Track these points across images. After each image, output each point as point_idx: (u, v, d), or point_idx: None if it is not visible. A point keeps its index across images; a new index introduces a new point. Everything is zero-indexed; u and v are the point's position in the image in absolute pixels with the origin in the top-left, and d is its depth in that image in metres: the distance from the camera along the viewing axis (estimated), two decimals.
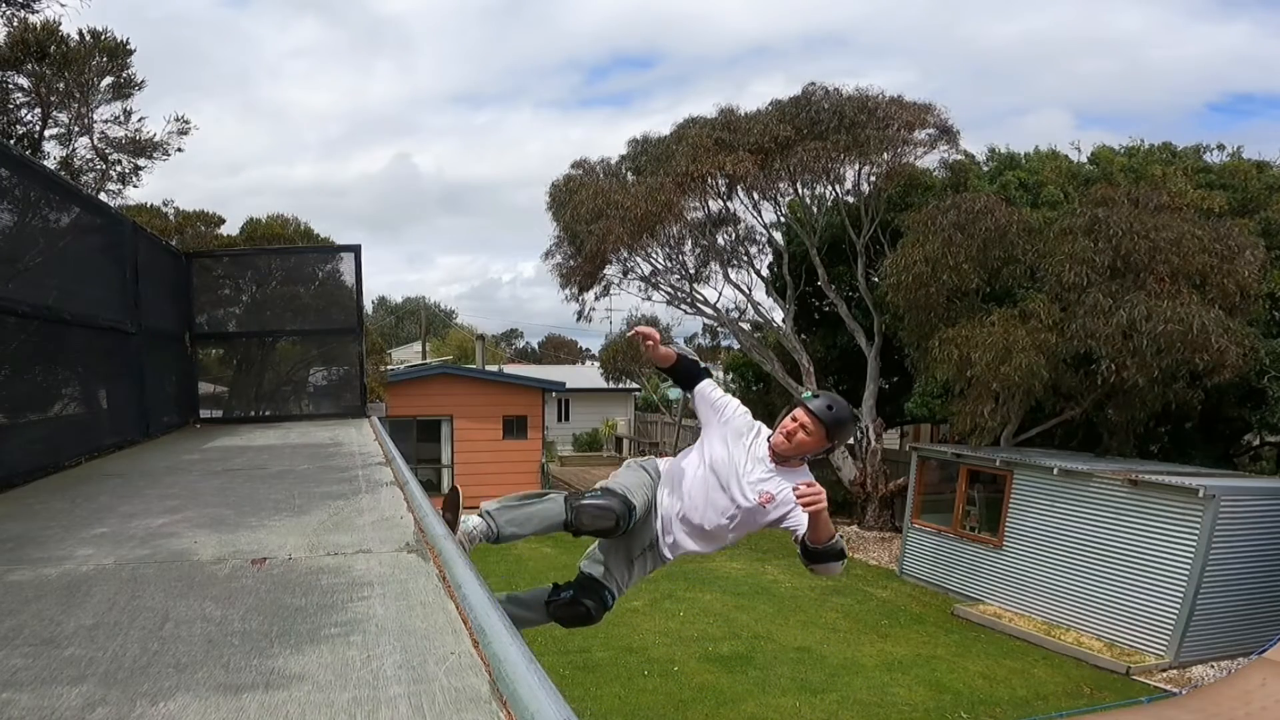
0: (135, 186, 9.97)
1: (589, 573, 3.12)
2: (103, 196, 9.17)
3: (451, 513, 2.90)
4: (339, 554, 2.14)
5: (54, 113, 8.78)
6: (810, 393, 3.06)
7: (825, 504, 2.56)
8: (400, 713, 1.18)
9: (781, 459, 2.95)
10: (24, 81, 8.52)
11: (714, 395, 3.16)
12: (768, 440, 2.99)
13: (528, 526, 2.96)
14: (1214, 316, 11.80)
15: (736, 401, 3.16)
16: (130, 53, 9.00)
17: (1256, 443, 16.97)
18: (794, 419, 2.94)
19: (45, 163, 8.43)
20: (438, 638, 1.48)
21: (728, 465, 2.97)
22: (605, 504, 2.85)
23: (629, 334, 3.35)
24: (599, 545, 3.14)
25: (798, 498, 2.58)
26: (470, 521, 2.93)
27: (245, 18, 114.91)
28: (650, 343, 3.11)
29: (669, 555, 3.13)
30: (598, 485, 3.03)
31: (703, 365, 3.38)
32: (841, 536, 2.75)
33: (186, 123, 9.94)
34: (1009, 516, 12.44)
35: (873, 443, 16.94)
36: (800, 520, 2.74)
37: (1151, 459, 14.39)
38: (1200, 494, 10.02)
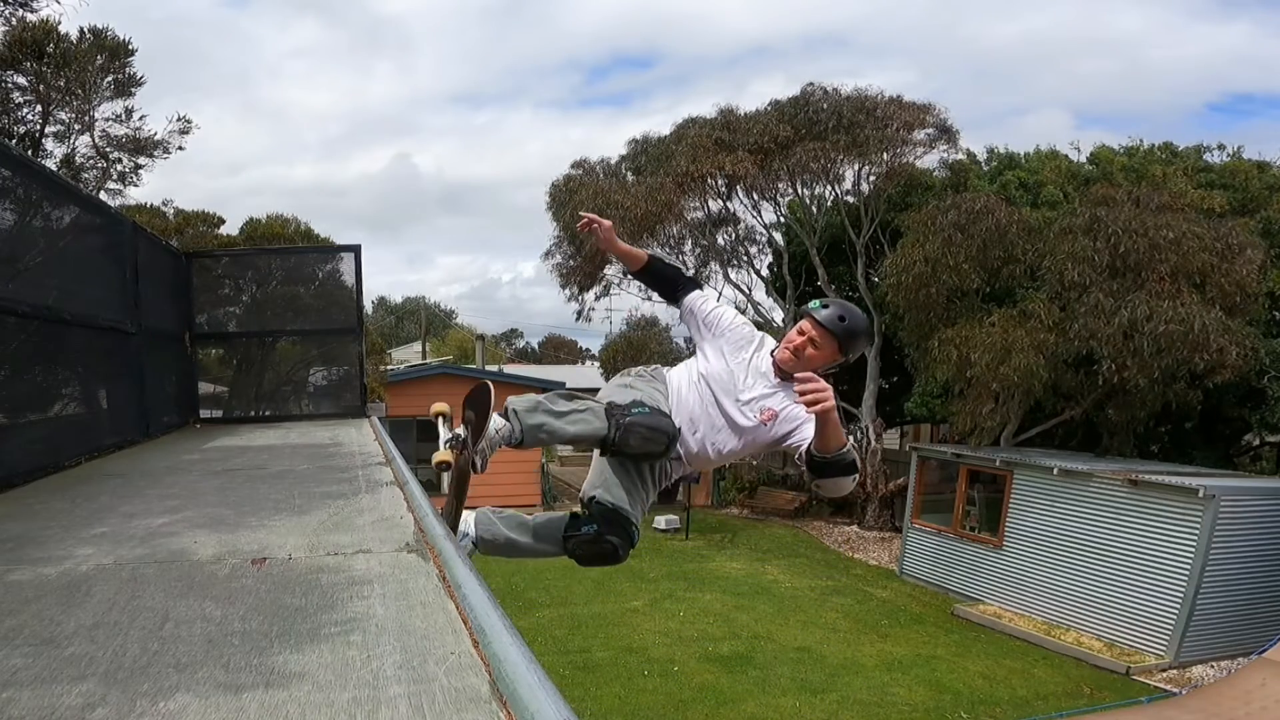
0: (135, 185, 10.00)
1: (607, 502, 2.61)
2: (103, 195, 9.20)
3: (479, 412, 2.56)
4: (339, 554, 2.14)
5: (54, 111, 8.79)
6: (818, 302, 2.66)
7: (832, 403, 2.20)
8: (400, 713, 1.18)
9: (787, 375, 2.59)
10: (24, 80, 8.53)
11: (706, 308, 2.75)
12: (771, 355, 2.65)
13: (558, 436, 2.55)
14: (1214, 316, 11.81)
15: (734, 311, 2.78)
16: (132, 52, 9.01)
17: (1256, 443, 16.98)
18: (800, 332, 2.59)
19: (46, 161, 8.45)
20: (438, 638, 1.48)
21: (726, 380, 2.63)
22: (659, 425, 2.47)
23: (579, 225, 2.88)
24: (611, 467, 2.65)
25: (799, 396, 2.20)
26: (494, 422, 2.54)
27: (245, 18, 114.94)
28: (597, 227, 2.71)
29: (671, 478, 2.80)
30: (628, 398, 2.57)
31: (689, 274, 2.92)
32: (853, 447, 2.40)
33: (188, 122, 9.97)
34: (1009, 516, 12.44)
35: (872, 443, 16.95)
36: (806, 434, 2.43)
37: (1152, 459, 14.40)
38: (1200, 494, 10.02)
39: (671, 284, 2.83)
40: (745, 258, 19.56)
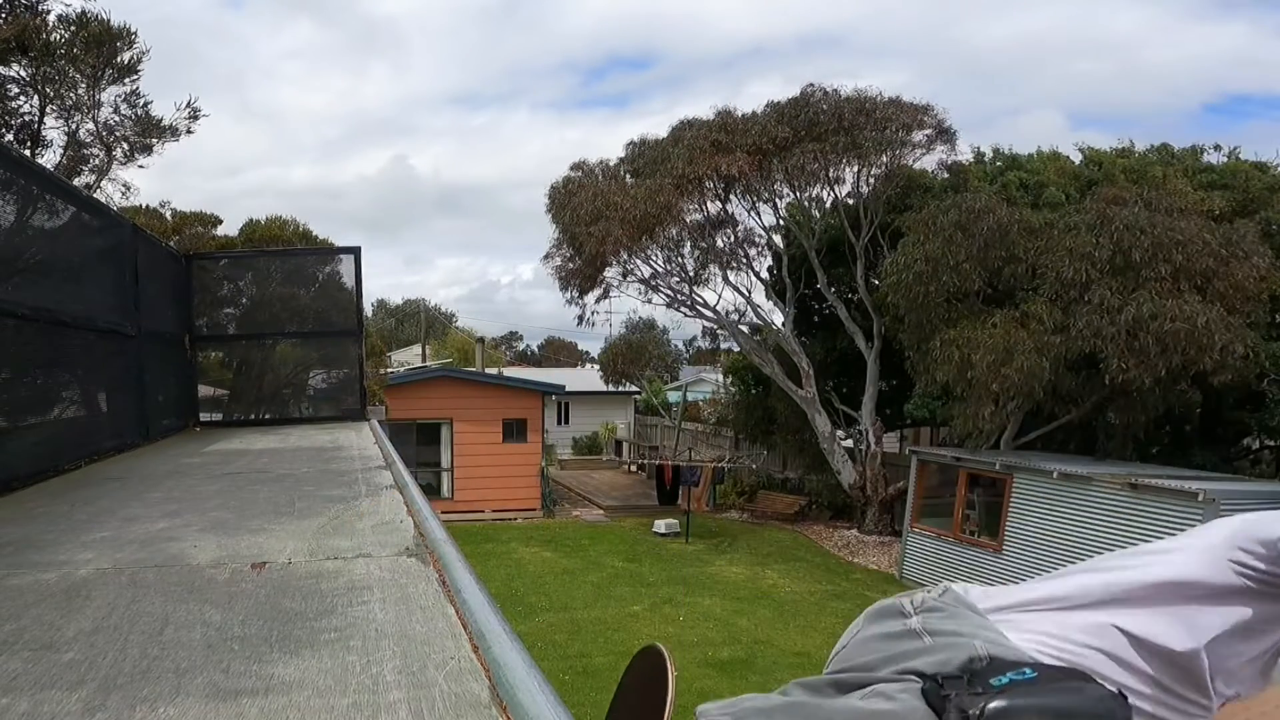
0: (141, 167, 9.93)
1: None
2: (106, 182, 9.19)
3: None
4: (339, 558, 2.14)
5: (53, 100, 8.76)
6: None
7: None
8: (400, 718, 1.18)
9: None
10: (20, 73, 8.50)
11: None
12: None
13: None
14: (1217, 313, 11.81)
15: None
16: (126, 35, 8.94)
17: (1256, 446, 16.97)
18: None
19: (46, 151, 8.44)
20: (437, 642, 1.48)
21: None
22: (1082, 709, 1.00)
23: None
24: None
25: None
26: None
27: (239, 19, 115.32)
28: None
29: None
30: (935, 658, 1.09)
31: None
32: None
33: (197, 109, 9.94)
34: (1009, 520, 12.43)
35: (872, 446, 16.94)
36: None
37: (1151, 461, 14.40)
38: (1200, 497, 10.01)
39: None
40: (744, 260, 19.54)
